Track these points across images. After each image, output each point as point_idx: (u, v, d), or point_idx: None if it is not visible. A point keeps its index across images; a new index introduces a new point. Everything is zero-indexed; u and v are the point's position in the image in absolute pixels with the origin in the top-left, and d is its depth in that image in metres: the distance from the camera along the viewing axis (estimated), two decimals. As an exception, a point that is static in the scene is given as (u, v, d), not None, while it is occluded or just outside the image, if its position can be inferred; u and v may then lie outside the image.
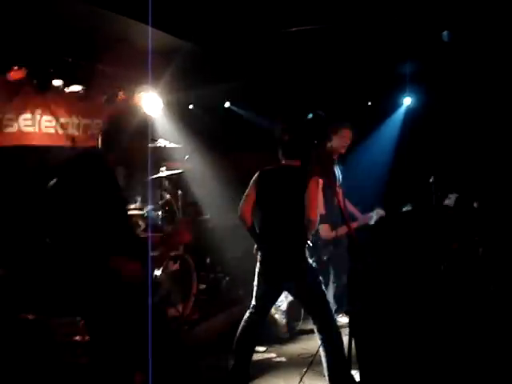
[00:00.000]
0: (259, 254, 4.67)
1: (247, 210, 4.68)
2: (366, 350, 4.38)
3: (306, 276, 4.53)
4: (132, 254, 3.34)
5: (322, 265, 5.61)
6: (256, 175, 4.71)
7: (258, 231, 4.68)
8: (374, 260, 6.32)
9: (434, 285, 6.46)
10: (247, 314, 4.75)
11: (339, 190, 5.40)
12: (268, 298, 4.72)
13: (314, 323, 4.53)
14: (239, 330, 4.73)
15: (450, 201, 7.25)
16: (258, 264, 4.69)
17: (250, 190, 4.68)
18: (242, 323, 4.75)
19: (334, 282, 6.14)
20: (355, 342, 4.02)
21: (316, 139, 4.14)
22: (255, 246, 4.74)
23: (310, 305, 4.62)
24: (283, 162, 4.66)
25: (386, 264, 7.19)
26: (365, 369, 4.40)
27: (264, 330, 5.10)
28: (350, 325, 4.14)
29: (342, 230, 5.65)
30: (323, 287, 4.61)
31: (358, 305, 4.07)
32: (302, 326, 6.21)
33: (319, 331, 4.48)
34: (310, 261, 4.63)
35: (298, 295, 4.74)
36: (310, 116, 3.92)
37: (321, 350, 4.44)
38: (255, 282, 4.71)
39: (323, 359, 4.44)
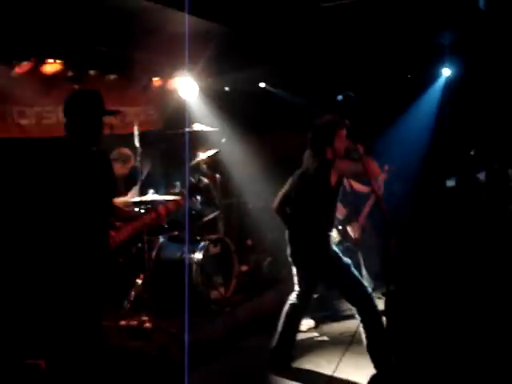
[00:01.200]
0: None
1: (281, 207, 4.83)
2: (400, 332, 4.36)
3: (328, 264, 4.55)
4: None
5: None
6: (294, 175, 4.79)
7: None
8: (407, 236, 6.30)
9: (471, 265, 6.36)
10: (292, 296, 4.81)
11: None
12: (307, 283, 4.76)
13: (352, 306, 4.55)
14: (284, 312, 4.80)
15: (482, 175, 7.14)
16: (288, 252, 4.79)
17: (285, 189, 4.82)
18: (287, 305, 4.81)
19: (364, 260, 6.16)
20: (389, 324, 4.05)
21: (348, 120, 4.12)
22: None
23: (343, 291, 4.66)
24: (315, 157, 4.66)
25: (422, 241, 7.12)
26: (399, 351, 4.38)
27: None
28: (386, 306, 4.18)
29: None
30: (353, 271, 4.55)
31: (393, 285, 4.05)
32: (343, 305, 6.24)
33: (358, 313, 4.49)
34: (335, 248, 4.61)
35: (328, 282, 4.81)
36: (340, 98, 3.86)
37: (361, 330, 4.46)
38: (293, 269, 4.78)
39: (364, 339, 4.45)
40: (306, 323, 5.64)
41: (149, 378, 4.44)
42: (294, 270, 4.77)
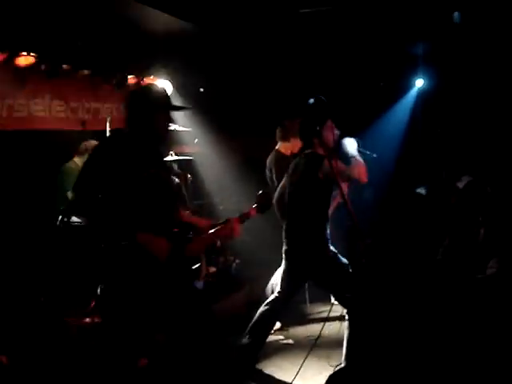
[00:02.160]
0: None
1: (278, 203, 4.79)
2: (362, 331, 4.39)
3: (325, 264, 4.45)
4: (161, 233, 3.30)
5: None
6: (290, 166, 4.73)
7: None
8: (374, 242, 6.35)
9: (433, 271, 6.46)
10: (269, 300, 4.71)
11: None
12: (292, 286, 4.69)
13: (343, 307, 4.48)
14: (259, 313, 4.70)
15: (461, 183, 7.22)
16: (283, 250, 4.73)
17: (283, 181, 4.76)
18: (263, 309, 4.70)
19: None
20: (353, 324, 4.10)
21: (318, 125, 4.10)
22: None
23: (336, 291, 4.55)
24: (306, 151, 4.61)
25: (387, 247, 7.20)
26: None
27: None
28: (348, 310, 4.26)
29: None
30: (349, 272, 4.45)
31: (356, 289, 4.09)
32: (309, 309, 6.28)
33: (347, 313, 4.42)
34: (332, 248, 4.53)
35: (321, 283, 4.69)
36: (312, 101, 3.87)
37: (345, 331, 4.42)
38: (282, 268, 4.71)
39: (345, 340, 4.41)
40: (272, 326, 5.65)
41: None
42: (283, 268, 4.68)
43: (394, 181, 8.95)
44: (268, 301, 4.74)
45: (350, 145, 4.35)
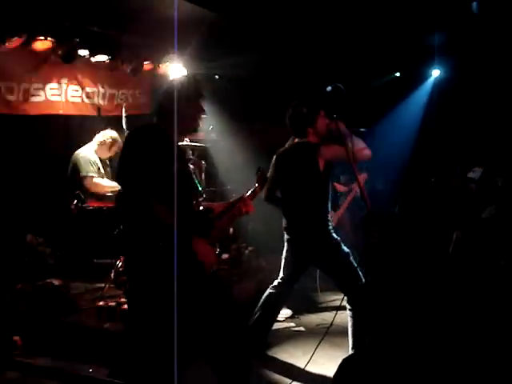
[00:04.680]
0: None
1: (270, 194, 4.74)
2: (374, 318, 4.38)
3: (328, 252, 4.50)
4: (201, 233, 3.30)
5: None
6: (274, 158, 4.76)
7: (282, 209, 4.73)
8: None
9: (447, 261, 6.45)
10: (274, 284, 4.81)
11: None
12: (294, 271, 4.76)
13: (344, 295, 4.48)
14: (263, 299, 4.80)
15: (475, 174, 7.18)
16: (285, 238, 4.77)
17: (270, 174, 4.69)
18: (268, 292, 4.81)
19: None
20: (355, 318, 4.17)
21: (336, 113, 4.07)
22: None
23: (338, 279, 4.57)
24: (296, 140, 4.68)
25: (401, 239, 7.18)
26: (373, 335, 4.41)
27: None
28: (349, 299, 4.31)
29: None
30: (351, 261, 4.49)
31: (369, 278, 4.09)
32: (321, 297, 6.30)
33: (348, 302, 4.47)
34: (335, 235, 4.56)
35: (324, 270, 4.78)
36: (329, 89, 3.84)
37: (348, 320, 4.47)
38: (283, 255, 4.78)
39: (349, 329, 4.47)
40: (284, 313, 5.68)
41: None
42: (285, 253, 4.74)
43: (408, 171, 8.90)
44: (272, 285, 4.82)
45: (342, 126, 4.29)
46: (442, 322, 5.01)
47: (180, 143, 3.66)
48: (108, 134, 6.38)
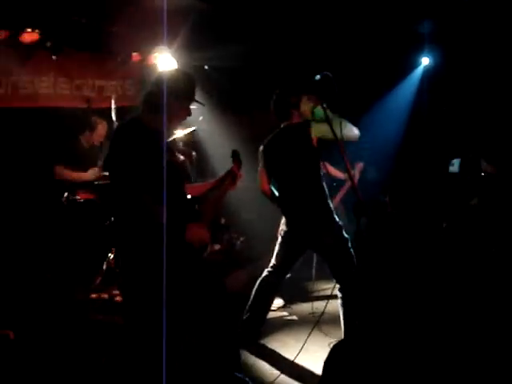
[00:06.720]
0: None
1: (264, 184, 4.73)
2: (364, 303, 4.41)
3: (325, 237, 4.48)
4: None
5: None
6: (260, 150, 4.74)
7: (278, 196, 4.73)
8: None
9: (437, 249, 6.49)
10: (266, 273, 4.81)
11: None
12: (288, 258, 4.77)
13: (336, 282, 4.48)
14: (256, 287, 4.81)
15: (453, 168, 7.21)
16: (281, 225, 4.78)
17: (260, 164, 4.70)
18: (260, 281, 4.81)
19: None
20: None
21: (325, 101, 4.07)
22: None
23: (333, 265, 4.54)
24: (282, 125, 4.66)
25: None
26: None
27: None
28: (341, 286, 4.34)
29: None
30: (349, 248, 4.47)
31: (360, 266, 4.11)
32: (314, 286, 6.32)
33: (340, 290, 4.47)
34: (337, 220, 4.53)
35: (322, 253, 4.71)
36: (318, 77, 3.84)
37: (340, 308, 4.49)
38: (278, 242, 4.78)
39: (341, 317, 4.49)
40: (276, 302, 5.70)
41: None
42: (279, 241, 4.73)
43: (398, 159, 8.92)
44: (264, 275, 4.82)
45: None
46: (433, 309, 5.05)
47: (169, 136, 3.67)
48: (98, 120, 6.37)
